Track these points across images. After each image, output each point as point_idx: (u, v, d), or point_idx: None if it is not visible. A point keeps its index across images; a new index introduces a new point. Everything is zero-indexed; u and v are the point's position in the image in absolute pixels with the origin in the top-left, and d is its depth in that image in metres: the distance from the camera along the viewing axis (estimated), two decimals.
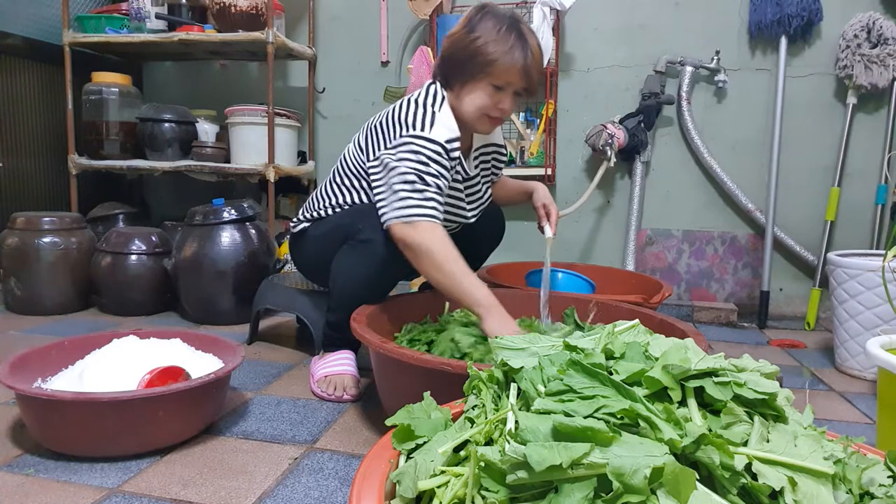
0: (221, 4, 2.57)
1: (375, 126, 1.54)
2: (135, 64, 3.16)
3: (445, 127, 1.43)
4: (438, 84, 1.51)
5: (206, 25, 2.74)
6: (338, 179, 1.62)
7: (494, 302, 1.31)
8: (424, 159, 1.38)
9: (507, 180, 1.86)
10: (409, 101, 1.50)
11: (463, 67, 1.43)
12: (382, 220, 1.40)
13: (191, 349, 1.45)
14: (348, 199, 1.59)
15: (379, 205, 1.42)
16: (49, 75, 2.81)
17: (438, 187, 1.39)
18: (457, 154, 1.46)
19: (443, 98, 1.48)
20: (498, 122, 1.50)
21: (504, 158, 1.76)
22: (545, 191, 1.73)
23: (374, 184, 1.46)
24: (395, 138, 1.44)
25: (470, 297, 1.32)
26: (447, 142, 1.42)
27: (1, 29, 2.58)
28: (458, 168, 1.54)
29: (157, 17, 2.72)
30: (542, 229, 1.67)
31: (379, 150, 1.48)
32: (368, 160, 1.51)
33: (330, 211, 1.62)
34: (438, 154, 1.40)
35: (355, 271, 1.48)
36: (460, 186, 1.59)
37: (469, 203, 1.64)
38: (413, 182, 1.36)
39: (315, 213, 1.65)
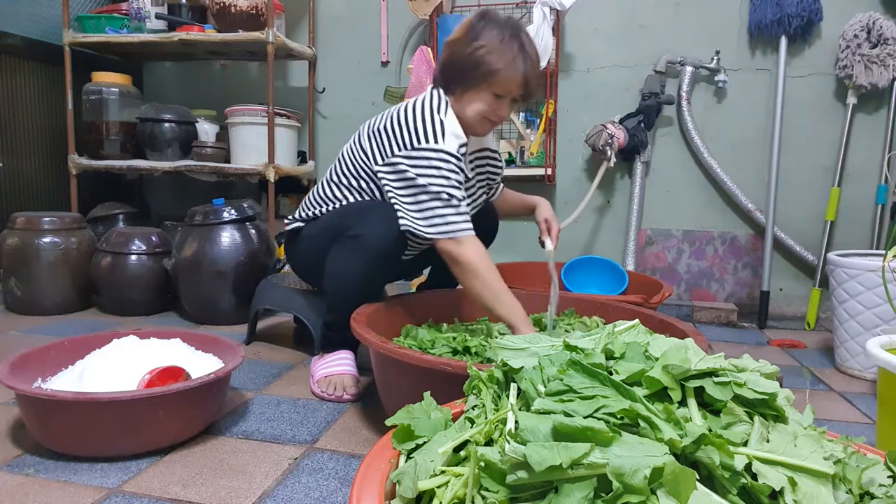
0: (221, 4, 2.57)
1: (380, 129, 1.52)
2: (135, 64, 3.16)
3: (455, 135, 1.46)
4: (439, 90, 1.52)
5: (206, 25, 2.74)
6: (335, 179, 1.62)
7: (528, 321, 1.41)
8: (447, 174, 1.42)
9: (511, 194, 1.89)
10: (414, 107, 1.49)
11: (465, 75, 1.46)
12: (416, 230, 1.42)
13: (191, 349, 1.45)
14: (348, 198, 1.59)
15: (406, 216, 1.44)
16: (49, 75, 2.81)
17: (462, 199, 1.44)
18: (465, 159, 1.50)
19: (446, 103, 1.50)
20: (495, 124, 1.56)
21: (500, 164, 1.78)
22: (548, 206, 1.78)
23: (389, 190, 1.47)
24: (406, 145, 1.45)
25: (509, 314, 1.40)
26: (459, 150, 1.45)
27: (1, 29, 2.58)
28: None
29: (157, 17, 2.72)
30: (542, 243, 1.71)
31: (388, 154, 1.48)
32: (376, 164, 1.51)
33: (325, 210, 1.63)
34: (457, 166, 1.44)
35: (349, 269, 1.49)
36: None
37: (467, 203, 1.65)
38: (447, 200, 1.41)
39: (310, 213, 1.66)
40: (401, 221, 1.44)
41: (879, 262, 1.68)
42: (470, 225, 1.44)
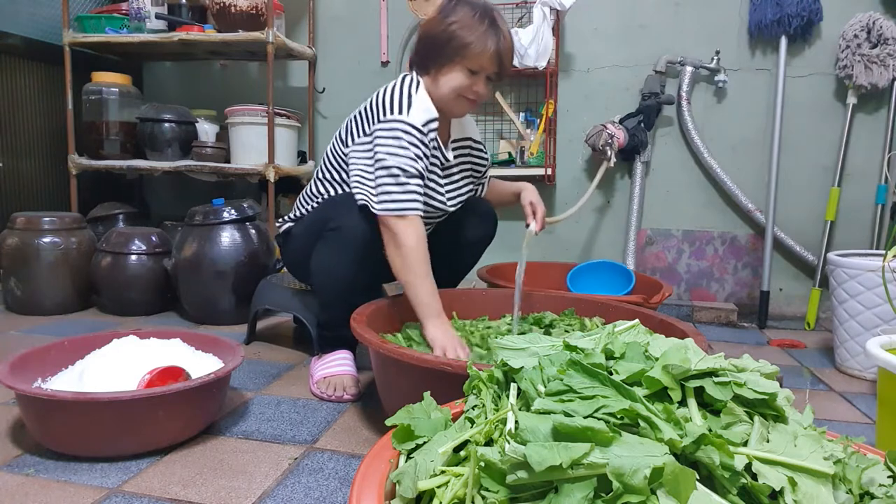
0: (221, 4, 2.57)
1: (354, 116, 1.57)
2: (135, 64, 3.16)
3: (423, 109, 1.47)
4: (414, 73, 1.55)
5: (206, 25, 2.74)
6: (321, 175, 1.66)
7: (440, 317, 1.41)
8: (405, 144, 1.43)
9: (498, 182, 1.88)
10: (386, 88, 1.53)
11: (439, 51, 1.48)
12: (361, 202, 1.44)
13: (191, 349, 1.45)
14: (330, 192, 1.61)
15: (359, 188, 1.46)
16: (49, 75, 2.81)
17: (420, 174, 1.44)
18: (434, 135, 1.50)
19: (418, 83, 1.52)
20: (473, 104, 1.54)
21: (485, 157, 1.78)
22: (533, 190, 1.75)
23: (351, 165, 1.49)
24: (373, 122, 1.48)
25: (423, 300, 1.41)
26: (424, 124, 1.46)
27: (1, 29, 2.58)
28: (437, 154, 1.57)
29: (157, 17, 2.72)
30: (528, 226, 1.68)
31: (358, 136, 1.51)
32: (346, 147, 1.54)
33: (311, 208, 1.64)
34: (417, 138, 1.44)
35: (333, 263, 1.50)
36: (439, 172, 1.61)
37: (448, 192, 1.65)
38: (397, 175, 1.41)
39: (299, 212, 1.69)
40: (356, 195, 1.46)
41: (879, 262, 1.68)
42: (417, 204, 1.43)
